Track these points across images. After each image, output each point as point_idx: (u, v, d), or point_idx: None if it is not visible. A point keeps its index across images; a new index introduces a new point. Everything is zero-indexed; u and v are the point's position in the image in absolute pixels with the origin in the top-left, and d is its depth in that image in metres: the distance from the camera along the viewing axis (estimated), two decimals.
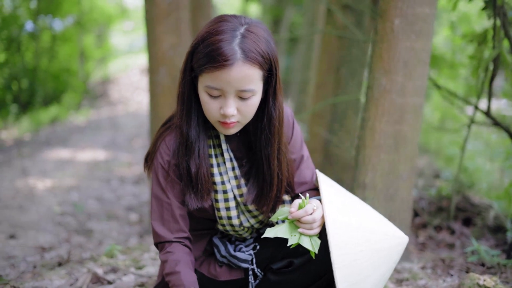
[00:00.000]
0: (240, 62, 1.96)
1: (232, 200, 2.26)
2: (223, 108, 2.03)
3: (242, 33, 2.00)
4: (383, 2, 3.07)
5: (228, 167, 2.25)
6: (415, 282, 2.90)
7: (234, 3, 19.05)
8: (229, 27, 2.00)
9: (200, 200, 2.21)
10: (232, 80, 1.97)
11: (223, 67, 1.95)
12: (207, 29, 2.03)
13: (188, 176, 2.20)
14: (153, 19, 4.31)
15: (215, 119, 2.08)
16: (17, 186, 6.38)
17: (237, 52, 1.96)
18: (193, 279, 2.18)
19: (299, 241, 2.02)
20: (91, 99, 15.10)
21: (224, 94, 2.02)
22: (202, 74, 2.02)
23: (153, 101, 4.48)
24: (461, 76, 7.01)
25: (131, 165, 8.06)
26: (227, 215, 2.27)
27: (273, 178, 2.23)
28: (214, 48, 1.96)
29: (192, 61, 2.06)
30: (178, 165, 2.22)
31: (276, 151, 2.21)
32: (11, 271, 3.65)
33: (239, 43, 1.97)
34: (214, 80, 1.99)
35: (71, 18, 14.53)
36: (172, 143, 2.23)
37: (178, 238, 2.25)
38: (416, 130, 3.15)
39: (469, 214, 4.28)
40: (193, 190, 2.21)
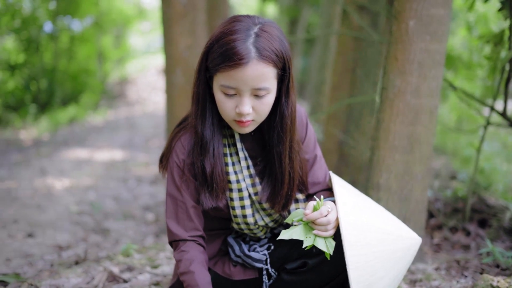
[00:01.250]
0: (255, 60, 1.99)
1: (247, 199, 2.28)
2: (238, 107, 2.05)
3: (256, 32, 2.02)
4: (398, 4, 3.07)
5: (243, 165, 2.28)
6: (429, 283, 2.90)
7: (251, 4, 19.08)
8: (243, 27, 2.02)
9: (215, 199, 2.23)
10: (247, 78, 2.00)
11: (238, 66, 1.98)
12: (221, 29, 2.05)
13: (203, 176, 2.22)
14: (169, 20, 4.35)
15: (231, 118, 2.10)
16: (35, 185, 6.44)
17: (252, 51, 1.98)
18: (207, 279, 2.20)
19: (314, 243, 2.04)
20: (108, 99, 15.20)
21: (239, 92, 2.04)
22: (217, 73, 2.04)
23: (169, 102, 4.52)
24: (478, 77, 6.98)
25: (148, 165, 8.10)
26: (242, 213, 2.29)
27: (284, 176, 2.25)
28: (229, 47, 1.98)
29: (207, 61, 2.09)
30: (193, 164, 2.23)
31: (287, 149, 2.23)
32: (29, 269, 3.70)
33: (253, 42, 2.00)
34: (230, 79, 2.01)
35: (90, 19, 14.64)
36: (187, 143, 2.25)
37: (193, 236, 2.28)
38: (430, 131, 3.15)
39: (484, 216, 4.26)
40: (208, 189, 2.23)
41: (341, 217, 2.01)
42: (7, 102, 11.71)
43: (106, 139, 10.29)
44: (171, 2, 4.31)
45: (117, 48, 17.07)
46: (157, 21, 22.41)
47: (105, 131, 11.22)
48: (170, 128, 4.56)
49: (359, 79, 4.53)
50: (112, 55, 16.59)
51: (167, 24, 4.39)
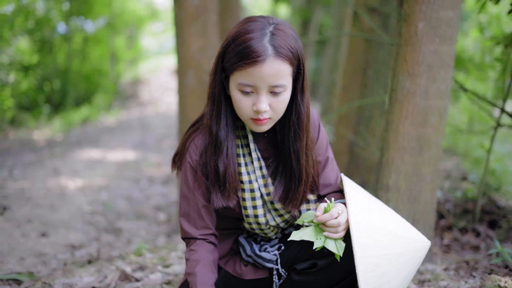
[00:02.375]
0: (272, 58, 2.03)
1: (259, 199, 2.32)
2: (256, 104, 2.09)
3: (271, 31, 2.07)
4: (407, 6, 3.10)
5: (255, 166, 2.31)
6: (437, 283, 2.92)
7: (263, 5, 19.10)
8: (258, 26, 2.07)
9: (226, 199, 2.27)
10: (265, 75, 2.04)
11: (255, 63, 2.02)
12: (237, 29, 2.10)
13: (216, 175, 2.25)
14: (181, 22, 4.39)
15: (248, 117, 2.14)
16: (48, 185, 6.50)
17: (269, 49, 2.03)
18: (210, 282, 2.24)
19: (324, 244, 2.06)
20: (121, 100, 15.27)
21: (256, 90, 2.08)
22: (234, 72, 2.08)
23: (181, 103, 4.56)
24: (490, 78, 6.97)
25: (160, 166, 8.15)
26: (253, 213, 2.32)
27: (302, 173, 2.28)
28: (246, 46, 2.03)
29: (223, 62, 2.13)
30: (205, 164, 2.27)
31: (304, 146, 2.26)
32: (43, 268, 3.76)
33: (269, 40, 2.04)
34: (247, 76, 2.05)
35: (102, 19, 14.71)
36: (200, 143, 2.29)
37: (203, 235, 2.32)
38: (439, 133, 3.17)
39: (494, 217, 4.26)
40: (219, 189, 2.26)
41: (351, 219, 2.03)
42: (21, 102, 11.79)
43: (119, 139, 10.35)
44: (183, 4, 4.35)
45: (130, 48, 17.13)
46: (169, 21, 22.47)
47: (117, 131, 11.29)
48: (182, 129, 4.59)
49: (370, 81, 4.55)
50: (125, 56, 16.65)
51: (179, 26, 4.43)
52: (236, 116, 2.27)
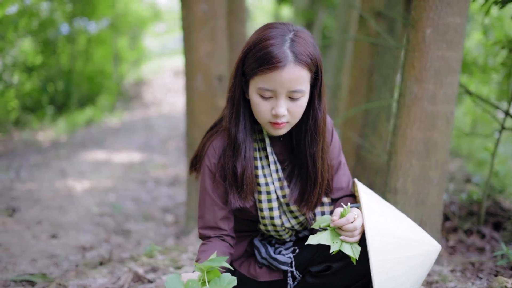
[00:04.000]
0: (292, 63, 2.09)
1: (275, 201, 2.37)
2: (275, 109, 2.14)
3: (291, 37, 2.13)
4: (415, 13, 3.15)
5: (272, 169, 2.36)
6: (445, 285, 2.96)
7: (266, 7, 19.12)
8: (278, 33, 2.13)
9: (242, 200, 2.32)
10: (285, 80, 2.10)
11: (276, 69, 2.08)
12: (258, 35, 2.16)
13: (233, 176, 2.30)
14: (190, 26, 4.43)
15: (266, 120, 2.20)
16: (56, 187, 6.55)
17: (289, 55, 2.09)
18: (221, 251, 2.29)
19: (340, 248, 2.12)
20: (124, 101, 15.29)
21: (276, 95, 2.14)
22: (254, 77, 2.15)
23: (190, 106, 4.60)
24: (494, 81, 7.00)
25: (166, 167, 8.19)
26: (269, 215, 2.37)
27: (317, 176, 2.34)
28: (267, 51, 2.09)
29: (243, 66, 2.20)
30: (224, 166, 2.33)
31: (320, 150, 2.33)
32: (55, 269, 3.80)
33: (289, 47, 2.10)
34: (267, 81, 2.11)
35: (106, 20, 14.74)
36: (218, 146, 2.35)
37: (218, 234, 2.38)
38: (446, 137, 3.22)
39: (499, 219, 4.30)
40: (237, 190, 2.32)
41: (367, 223, 2.09)
42: (25, 103, 11.82)
43: (123, 140, 10.39)
44: (192, 9, 4.39)
45: (133, 49, 17.16)
46: (172, 22, 22.52)
47: (122, 132, 11.32)
48: (190, 132, 4.64)
49: (376, 84, 4.60)
50: (128, 57, 16.68)
51: (188, 30, 4.47)
52: (254, 120, 2.33)
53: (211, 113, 4.50)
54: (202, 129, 4.48)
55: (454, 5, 3.07)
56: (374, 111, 4.62)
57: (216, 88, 4.50)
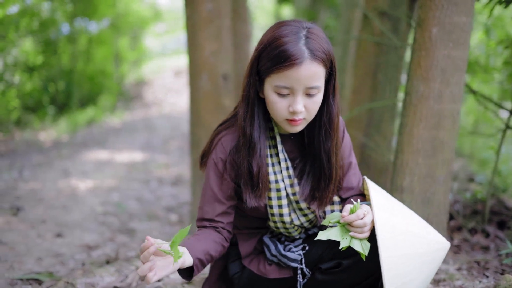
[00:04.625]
0: (309, 60, 2.11)
1: (284, 198, 2.38)
2: (292, 106, 2.16)
3: (305, 34, 2.15)
4: (421, 12, 3.16)
5: (282, 166, 2.37)
6: (452, 283, 2.97)
7: (267, 7, 19.13)
8: (293, 30, 2.15)
9: (257, 199, 2.33)
10: (302, 77, 2.11)
11: (293, 66, 2.10)
12: (272, 33, 2.18)
13: (249, 176, 2.31)
14: (195, 25, 4.43)
15: (283, 118, 2.21)
16: (59, 186, 6.56)
17: (305, 52, 2.11)
18: (192, 246, 2.22)
19: (350, 244, 2.13)
20: (125, 101, 15.30)
21: (293, 92, 2.15)
22: (270, 75, 2.16)
23: (194, 106, 4.60)
24: (496, 80, 7.01)
25: (169, 167, 8.21)
26: (279, 212, 2.38)
27: (332, 171, 2.36)
28: (283, 49, 2.11)
29: (258, 65, 2.21)
30: (235, 164, 2.34)
31: (334, 145, 2.35)
32: (61, 268, 3.82)
33: (305, 44, 2.12)
34: (284, 79, 2.13)
35: (106, 21, 14.74)
36: (228, 143, 2.35)
37: (213, 225, 2.39)
38: (453, 135, 3.23)
39: (503, 218, 4.32)
40: (252, 189, 2.33)
41: (376, 221, 2.10)
42: (26, 103, 11.83)
43: (125, 140, 10.40)
44: (197, 8, 4.39)
45: (133, 49, 17.16)
46: (172, 22, 22.53)
47: (123, 132, 11.33)
48: (195, 132, 4.64)
49: (380, 84, 4.61)
50: (129, 57, 16.68)
51: (193, 30, 4.47)
52: (267, 118, 2.34)
53: (217, 112, 4.50)
54: (207, 128, 4.49)
55: (460, 4, 3.08)
56: (378, 111, 4.63)
57: (221, 87, 4.50)
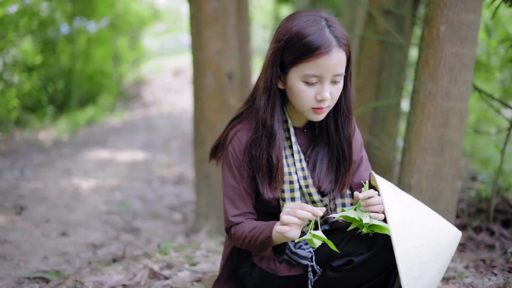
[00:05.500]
0: (336, 48, 2.16)
1: (297, 191, 2.39)
2: (320, 94, 2.20)
3: (326, 24, 2.20)
4: (429, 10, 3.16)
5: (296, 159, 2.39)
6: (462, 281, 2.98)
7: (265, 6, 19.13)
8: (315, 20, 2.20)
9: (274, 191, 2.35)
10: (331, 65, 2.16)
11: (323, 55, 2.14)
12: (293, 24, 2.21)
13: (268, 167, 2.33)
14: (200, 24, 4.44)
15: (309, 107, 2.24)
16: (62, 185, 6.55)
17: (332, 40, 2.16)
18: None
19: (370, 222, 2.12)
20: (124, 101, 15.29)
21: (321, 80, 2.19)
22: (298, 65, 2.19)
23: (199, 104, 4.61)
24: (497, 79, 7.04)
25: (170, 166, 8.20)
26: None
27: (351, 156, 2.42)
28: (311, 38, 2.15)
29: (282, 56, 2.23)
30: (253, 157, 2.34)
31: (352, 130, 2.42)
32: (67, 266, 3.82)
33: (329, 32, 2.17)
34: (315, 67, 2.16)
35: (105, 20, 14.73)
36: (244, 136, 2.37)
37: (248, 217, 2.41)
38: (460, 133, 3.23)
39: (508, 216, 4.32)
40: (269, 181, 2.34)
41: (388, 214, 2.10)
42: (25, 103, 11.81)
43: (126, 140, 10.39)
44: (202, 7, 4.40)
45: (133, 49, 17.14)
46: (171, 22, 22.52)
47: (124, 132, 11.32)
48: (199, 130, 4.65)
49: (385, 82, 4.62)
50: (128, 57, 16.66)
51: (198, 28, 4.48)
52: (282, 110, 2.36)
53: (221, 111, 4.51)
54: (212, 127, 4.50)
55: (468, 2, 3.09)
56: (383, 109, 4.64)
57: (226, 86, 4.51)
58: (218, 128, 4.46)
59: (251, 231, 2.32)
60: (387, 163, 4.62)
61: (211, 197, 4.71)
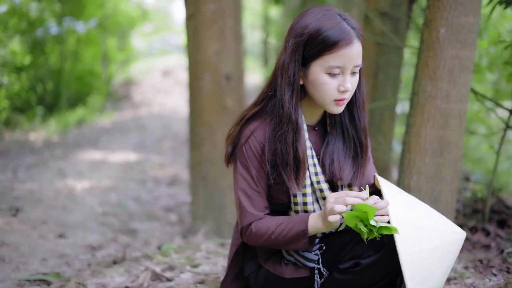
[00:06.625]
0: (356, 39, 2.22)
1: (309, 187, 2.40)
2: (343, 85, 2.23)
3: (342, 18, 2.24)
4: (429, 12, 3.19)
5: (308, 155, 2.39)
6: (463, 281, 3.00)
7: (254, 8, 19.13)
8: (331, 14, 2.25)
9: (300, 185, 2.36)
10: (353, 56, 2.21)
11: (346, 45, 2.18)
12: (313, 19, 2.24)
13: (295, 161, 2.33)
14: (198, 26, 4.46)
15: (332, 99, 2.27)
16: (56, 187, 6.54)
17: (351, 31, 2.21)
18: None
19: (377, 225, 2.10)
20: (114, 101, 15.25)
21: (343, 71, 2.23)
22: (322, 57, 2.21)
23: (197, 105, 4.61)
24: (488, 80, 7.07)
25: (164, 167, 8.21)
26: (302, 201, 2.39)
27: (368, 147, 2.49)
28: (334, 31, 2.19)
29: (304, 51, 2.25)
30: (277, 152, 2.34)
31: (367, 122, 2.48)
32: (67, 268, 3.81)
33: (347, 24, 2.22)
34: (339, 58, 2.20)
35: (94, 21, 14.69)
36: (261, 134, 2.37)
37: (266, 213, 2.42)
38: (459, 135, 3.26)
39: (503, 216, 4.36)
40: (296, 175, 2.35)
41: (393, 218, 2.11)
42: (14, 104, 11.75)
43: (118, 140, 10.38)
44: (201, 8, 4.41)
45: (122, 50, 17.08)
46: (159, 23, 22.46)
47: (115, 132, 11.30)
48: (197, 132, 4.66)
49: (381, 84, 4.64)
50: (117, 57, 16.62)
51: (195, 30, 4.49)
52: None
53: (219, 112, 4.53)
54: (210, 128, 4.51)
55: (467, 5, 3.11)
56: (379, 110, 4.66)
57: (224, 87, 4.53)
58: (216, 129, 4.48)
59: (278, 226, 2.33)
60: (383, 163, 4.64)
61: (208, 198, 4.72)
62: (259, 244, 2.41)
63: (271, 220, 2.36)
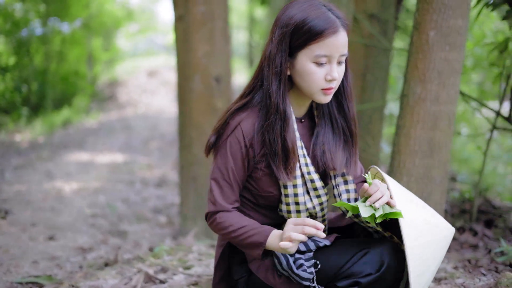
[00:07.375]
0: (341, 28, 2.24)
1: (299, 178, 2.39)
2: (330, 74, 2.24)
3: (327, 8, 2.26)
4: (418, 15, 3.22)
5: (297, 145, 2.40)
6: (453, 281, 3.03)
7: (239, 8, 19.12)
8: (316, 4, 2.27)
9: (290, 175, 2.35)
10: (339, 44, 2.23)
11: (332, 34, 2.20)
12: (298, 10, 2.27)
13: (283, 151, 2.33)
14: (188, 28, 4.47)
15: (319, 88, 2.28)
16: (45, 188, 6.53)
17: (337, 21, 2.23)
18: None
19: (384, 212, 2.14)
20: (99, 102, 15.19)
21: (330, 60, 2.25)
22: (309, 46, 2.24)
23: (186, 107, 4.63)
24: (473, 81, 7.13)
25: (151, 168, 8.20)
26: (293, 192, 2.39)
27: (357, 136, 2.51)
28: (320, 20, 2.21)
29: (291, 41, 2.27)
30: (265, 143, 2.34)
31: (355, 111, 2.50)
32: (59, 271, 3.81)
33: (332, 14, 2.24)
34: (325, 47, 2.22)
35: (79, 21, 14.63)
36: (248, 126, 2.36)
37: (234, 207, 2.43)
38: (449, 136, 3.30)
39: (490, 216, 4.41)
40: (285, 165, 2.35)
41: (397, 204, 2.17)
42: None
43: (104, 141, 10.35)
44: (191, 10, 4.43)
45: (107, 50, 17.01)
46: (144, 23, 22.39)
47: (101, 133, 11.27)
48: (187, 133, 4.67)
49: (369, 85, 4.67)
50: (102, 57, 16.55)
51: (185, 32, 4.51)
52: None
53: (209, 114, 4.55)
54: (200, 129, 4.53)
55: (456, 8, 3.15)
56: (367, 112, 4.68)
57: (213, 89, 4.55)
58: (206, 130, 4.49)
59: (240, 228, 2.33)
60: (372, 164, 4.66)
61: (198, 199, 4.73)
62: (218, 234, 2.46)
63: (237, 219, 2.37)
